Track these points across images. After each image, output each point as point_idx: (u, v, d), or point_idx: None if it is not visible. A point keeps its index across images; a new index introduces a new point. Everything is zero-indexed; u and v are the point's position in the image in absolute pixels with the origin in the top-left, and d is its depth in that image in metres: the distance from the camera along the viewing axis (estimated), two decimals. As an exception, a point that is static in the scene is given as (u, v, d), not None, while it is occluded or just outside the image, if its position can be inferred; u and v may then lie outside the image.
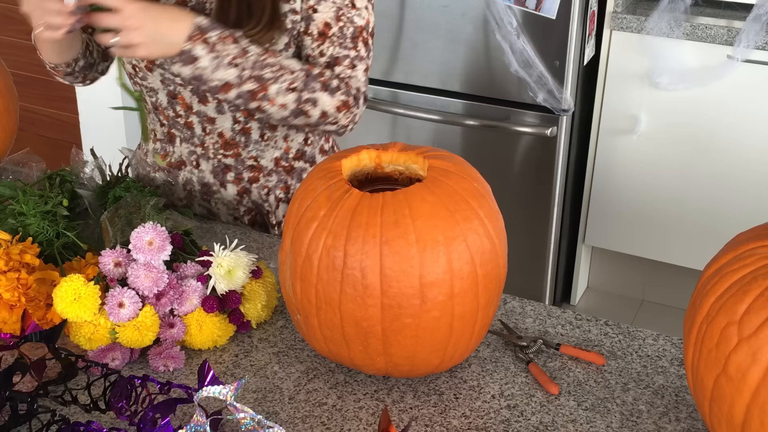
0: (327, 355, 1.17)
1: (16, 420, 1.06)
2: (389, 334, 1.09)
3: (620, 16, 2.64)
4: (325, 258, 1.08)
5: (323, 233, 1.08)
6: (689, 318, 1.02)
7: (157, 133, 1.62)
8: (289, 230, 1.14)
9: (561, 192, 2.80)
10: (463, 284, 1.08)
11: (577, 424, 1.11)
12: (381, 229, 1.06)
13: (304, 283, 1.11)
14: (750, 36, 2.48)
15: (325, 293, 1.09)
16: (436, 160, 1.17)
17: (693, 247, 2.81)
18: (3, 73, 1.69)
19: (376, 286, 1.06)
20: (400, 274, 1.06)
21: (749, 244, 1.00)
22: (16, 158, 1.62)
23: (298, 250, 1.11)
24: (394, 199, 1.08)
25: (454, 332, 1.10)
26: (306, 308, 1.12)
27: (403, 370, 1.14)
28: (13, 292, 1.20)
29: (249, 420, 1.03)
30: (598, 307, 3.12)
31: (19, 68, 3.37)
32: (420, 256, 1.06)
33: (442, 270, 1.07)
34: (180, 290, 1.22)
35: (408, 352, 1.10)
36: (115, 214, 1.32)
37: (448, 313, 1.08)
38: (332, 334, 1.12)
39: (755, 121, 2.61)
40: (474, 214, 1.10)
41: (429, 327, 1.08)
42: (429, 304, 1.07)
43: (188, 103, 1.53)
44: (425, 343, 1.10)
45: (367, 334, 1.09)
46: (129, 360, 1.21)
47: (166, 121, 1.58)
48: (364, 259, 1.06)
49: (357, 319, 1.08)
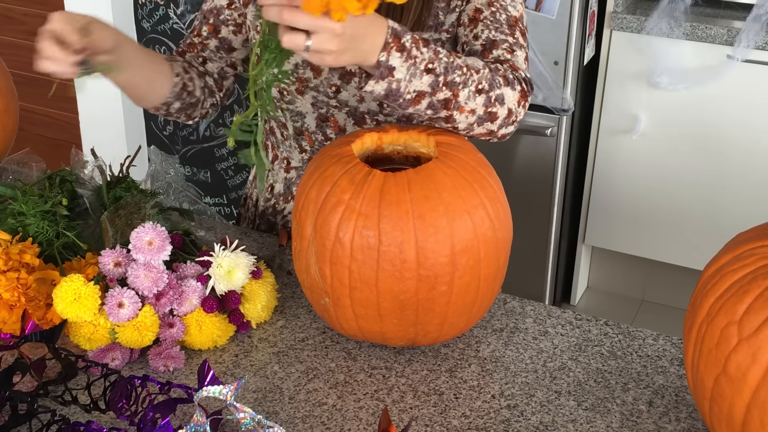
0: (353, 333, 1.20)
1: (16, 420, 1.06)
2: (424, 303, 1.14)
3: (620, 16, 2.64)
4: (359, 239, 1.12)
5: (353, 215, 1.12)
6: (689, 318, 1.02)
7: (293, 161, 1.54)
8: (307, 217, 1.17)
9: (561, 192, 2.80)
10: (487, 248, 1.16)
11: (577, 424, 1.11)
12: (412, 204, 1.12)
13: (335, 265, 1.14)
14: (750, 36, 2.48)
15: (360, 272, 1.13)
16: (439, 136, 1.23)
17: (693, 247, 2.81)
18: (3, 73, 1.69)
19: (413, 260, 1.12)
20: (434, 245, 1.12)
21: (749, 244, 1.00)
22: (16, 158, 1.61)
23: (326, 235, 1.14)
24: (418, 175, 1.14)
25: (480, 294, 1.18)
26: (338, 290, 1.16)
27: (431, 336, 1.19)
28: (12, 292, 1.20)
29: (249, 420, 1.03)
30: (598, 307, 3.12)
31: (19, 68, 3.36)
32: (450, 226, 1.12)
33: (469, 237, 1.13)
34: (180, 290, 1.22)
35: (439, 319, 1.16)
36: (115, 214, 1.32)
37: (476, 277, 1.16)
38: (366, 312, 1.16)
39: (755, 121, 2.61)
40: (487, 183, 1.18)
41: (461, 292, 1.15)
42: (461, 270, 1.14)
43: (341, 126, 1.46)
44: (456, 307, 1.16)
45: (403, 307, 1.14)
46: (129, 360, 1.21)
47: (309, 146, 1.50)
48: (399, 235, 1.11)
49: (395, 293, 1.13)
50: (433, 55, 1.18)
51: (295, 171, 1.55)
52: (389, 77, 1.14)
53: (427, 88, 1.18)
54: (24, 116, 3.35)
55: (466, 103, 1.22)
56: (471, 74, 1.22)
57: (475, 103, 1.23)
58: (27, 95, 3.39)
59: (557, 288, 3.02)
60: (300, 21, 1.04)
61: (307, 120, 1.48)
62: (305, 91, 1.44)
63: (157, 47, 3.07)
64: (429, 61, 1.17)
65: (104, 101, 3.19)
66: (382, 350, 1.24)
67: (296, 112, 1.47)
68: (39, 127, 3.50)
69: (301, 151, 1.52)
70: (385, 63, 1.13)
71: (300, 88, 1.44)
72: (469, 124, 1.25)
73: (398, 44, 1.13)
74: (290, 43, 1.06)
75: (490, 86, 1.24)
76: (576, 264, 3.05)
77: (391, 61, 1.14)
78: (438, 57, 1.18)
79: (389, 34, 1.13)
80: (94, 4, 3.02)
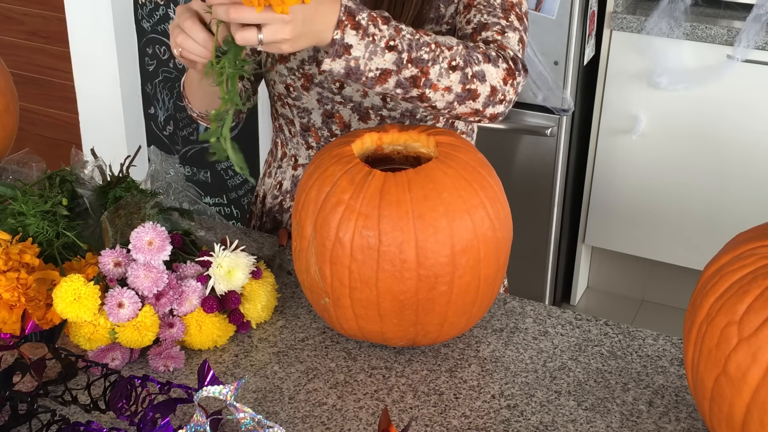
0: (353, 333, 1.20)
1: (16, 420, 1.06)
2: (424, 303, 1.14)
3: (620, 16, 2.64)
4: (359, 239, 1.12)
5: (353, 215, 1.12)
6: (689, 318, 1.02)
7: (300, 158, 1.55)
8: (307, 217, 1.17)
9: (561, 192, 2.80)
10: (487, 248, 1.15)
11: (577, 424, 1.11)
12: (412, 204, 1.12)
13: (335, 265, 1.14)
14: (750, 36, 2.48)
15: (360, 272, 1.13)
16: (440, 136, 1.23)
17: (693, 247, 2.81)
18: (3, 73, 1.69)
19: (413, 260, 1.12)
20: (434, 245, 1.12)
21: (749, 244, 1.00)
22: (16, 158, 1.61)
23: (326, 235, 1.14)
24: (418, 175, 1.14)
25: (480, 294, 1.18)
26: (338, 290, 1.15)
27: (431, 336, 1.19)
28: (12, 292, 1.20)
29: (249, 420, 1.03)
30: (598, 307, 3.12)
31: (19, 68, 3.37)
32: (450, 226, 1.12)
33: (469, 237, 1.13)
34: (180, 290, 1.22)
35: (439, 319, 1.16)
36: (115, 214, 1.32)
37: (476, 277, 1.15)
38: (366, 312, 1.16)
39: (755, 121, 2.61)
40: (487, 183, 1.18)
41: (461, 292, 1.15)
42: (461, 270, 1.13)
43: (346, 122, 1.46)
44: (456, 307, 1.16)
45: (403, 307, 1.14)
46: (129, 360, 1.21)
47: (315, 143, 1.51)
48: (399, 235, 1.11)
49: (395, 293, 1.13)
50: (393, 32, 1.16)
51: (302, 168, 1.56)
52: (345, 55, 1.14)
53: (391, 66, 1.16)
54: (24, 116, 3.35)
55: (438, 80, 1.19)
56: (441, 50, 1.20)
57: (449, 80, 1.20)
58: (27, 95, 3.40)
59: (557, 288, 3.02)
60: (247, 17, 1.07)
61: (313, 116, 1.48)
62: (310, 87, 1.45)
63: (157, 47, 3.08)
64: (389, 38, 1.15)
65: (104, 101, 3.19)
66: (382, 350, 1.24)
67: (302, 108, 1.48)
68: (39, 127, 3.50)
69: (308, 147, 1.53)
70: (340, 41, 1.13)
71: (305, 84, 1.45)
72: (447, 102, 1.22)
73: (353, 22, 1.13)
74: (243, 40, 1.09)
75: (465, 62, 1.21)
76: (576, 264, 3.05)
77: (346, 39, 1.13)
78: (400, 34, 1.17)
79: (342, 12, 1.13)
80: (94, 4, 3.02)
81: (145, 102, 3.20)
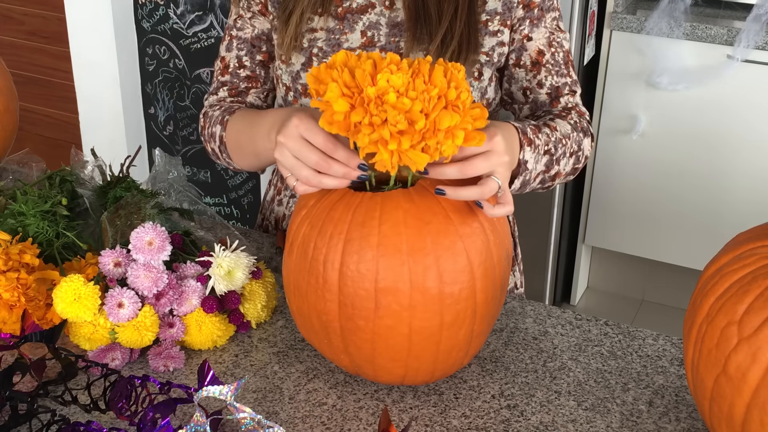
0: (311, 343, 1.17)
1: (16, 420, 1.06)
2: (346, 333, 1.07)
3: (620, 16, 2.64)
4: (301, 246, 1.09)
5: (306, 222, 1.10)
6: (689, 318, 1.02)
7: None
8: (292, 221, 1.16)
9: (561, 192, 2.80)
10: (423, 298, 1.03)
11: (577, 424, 1.11)
12: (348, 226, 1.04)
13: (286, 269, 1.13)
14: (750, 36, 2.49)
15: (296, 281, 1.10)
16: None
17: (693, 247, 2.81)
18: (3, 73, 1.69)
19: (335, 282, 1.05)
20: (356, 274, 1.04)
21: (749, 244, 1.00)
22: (16, 158, 1.62)
23: (289, 236, 1.13)
24: (371, 200, 1.05)
25: (414, 346, 1.06)
26: (287, 293, 1.14)
27: (368, 373, 1.12)
28: (12, 292, 1.20)
29: (249, 420, 1.03)
30: (598, 307, 3.12)
31: (19, 68, 3.37)
32: (377, 260, 1.03)
33: (399, 279, 1.03)
34: (179, 290, 1.22)
35: (366, 355, 1.09)
36: (115, 214, 1.32)
37: (405, 325, 1.05)
38: (304, 322, 1.13)
39: (755, 120, 2.61)
40: (453, 231, 1.04)
41: (383, 334, 1.05)
42: (382, 310, 1.04)
43: None
44: (381, 350, 1.07)
45: (327, 329, 1.09)
46: (129, 360, 1.21)
47: None
48: (328, 252, 1.05)
49: (318, 312, 1.08)
50: (546, 138, 1.26)
51: None
52: (525, 171, 1.24)
53: (542, 167, 1.27)
54: (24, 116, 3.35)
55: (564, 169, 1.32)
56: (566, 142, 1.30)
57: (569, 166, 1.33)
58: (27, 95, 3.40)
59: (557, 288, 3.02)
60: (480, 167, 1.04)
61: None
62: None
63: (157, 47, 3.08)
64: (545, 143, 1.26)
65: (104, 101, 3.19)
66: (382, 350, 1.24)
67: None
68: (39, 127, 3.50)
69: None
70: (522, 160, 1.22)
71: None
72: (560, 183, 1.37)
73: (527, 139, 1.23)
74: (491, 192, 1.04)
75: (578, 146, 1.33)
76: (576, 264, 3.05)
77: (525, 156, 1.23)
78: (550, 138, 1.27)
79: (519, 132, 1.22)
80: (94, 4, 3.02)
81: (145, 102, 3.20)
